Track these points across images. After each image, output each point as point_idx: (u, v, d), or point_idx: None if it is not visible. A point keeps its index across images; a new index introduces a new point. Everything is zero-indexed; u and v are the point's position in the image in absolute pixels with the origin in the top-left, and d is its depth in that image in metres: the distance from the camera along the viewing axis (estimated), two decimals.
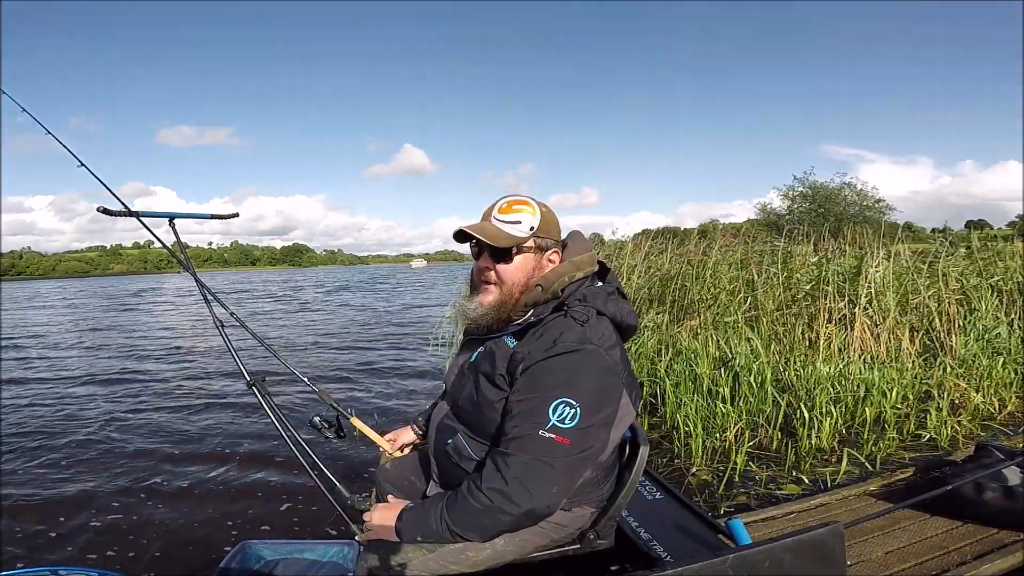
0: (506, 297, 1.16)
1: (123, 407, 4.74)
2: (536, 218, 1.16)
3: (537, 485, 1.02)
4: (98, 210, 1.50)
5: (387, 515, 1.13)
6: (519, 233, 1.15)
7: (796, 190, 23.04)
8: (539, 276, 1.16)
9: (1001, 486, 1.94)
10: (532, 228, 1.15)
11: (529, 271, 1.16)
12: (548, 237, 1.18)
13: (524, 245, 1.16)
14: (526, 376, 1.07)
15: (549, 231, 1.18)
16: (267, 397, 1.35)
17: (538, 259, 1.18)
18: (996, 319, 4.67)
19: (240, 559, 1.76)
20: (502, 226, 1.16)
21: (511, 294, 1.16)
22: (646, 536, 1.52)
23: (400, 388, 5.33)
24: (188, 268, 1.60)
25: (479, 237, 1.14)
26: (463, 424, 1.21)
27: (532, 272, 1.16)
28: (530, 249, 1.17)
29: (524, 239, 1.15)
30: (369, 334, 9.47)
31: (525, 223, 1.15)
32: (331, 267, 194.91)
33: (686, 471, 2.88)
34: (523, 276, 1.16)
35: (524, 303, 1.16)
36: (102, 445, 3.72)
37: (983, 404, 3.61)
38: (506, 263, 1.16)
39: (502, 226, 1.16)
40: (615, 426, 1.12)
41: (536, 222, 1.16)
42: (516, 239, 1.15)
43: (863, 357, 4.09)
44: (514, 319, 1.17)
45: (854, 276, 4.56)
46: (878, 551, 1.84)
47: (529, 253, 1.17)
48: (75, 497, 2.90)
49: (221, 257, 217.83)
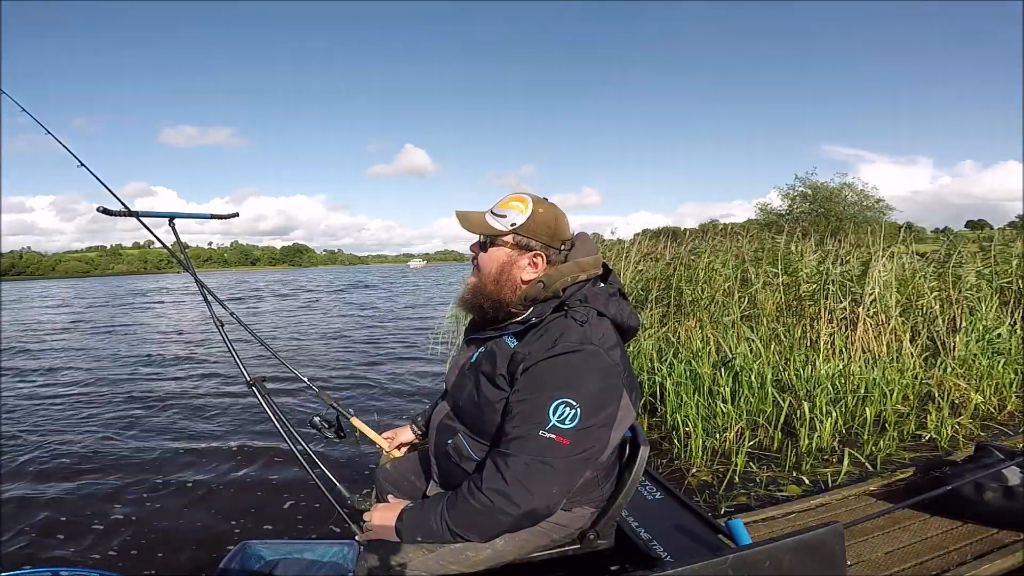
0: (480, 285, 1.20)
1: (123, 407, 4.74)
2: (523, 216, 1.16)
3: (537, 485, 1.02)
4: (98, 210, 1.50)
5: (387, 515, 1.13)
6: (499, 226, 1.17)
7: (796, 190, 23.07)
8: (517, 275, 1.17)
9: (1001, 486, 1.94)
10: (513, 224, 1.16)
11: (502, 265, 1.17)
12: (533, 238, 1.16)
13: (499, 239, 1.17)
14: (526, 376, 1.07)
15: (536, 232, 1.16)
16: (267, 397, 1.35)
17: (515, 256, 1.17)
18: (998, 319, 4.67)
19: (240, 559, 1.77)
20: (489, 217, 1.19)
21: (484, 283, 1.19)
22: (646, 536, 1.52)
23: (400, 388, 5.33)
24: (188, 268, 1.60)
25: (458, 221, 1.21)
26: (463, 424, 1.21)
27: (505, 268, 1.17)
28: (506, 244, 1.17)
29: (501, 232, 1.17)
30: (369, 334, 9.47)
31: (509, 218, 1.17)
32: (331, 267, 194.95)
33: (686, 471, 2.88)
34: (495, 268, 1.18)
35: (524, 298, 1.16)
36: (102, 445, 3.72)
37: (983, 404, 3.61)
38: (484, 252, 1.20)
39: (489, 217, 1.19)
40: (615, 427, 1.12)
41: (521, 220, 1.16)
42: (493, 231, 1.17)
43: (864, 357, 4.08)
44: (514, 316, 1.17)
45: (860, 276, 4.56)
46: (878, 551, 1.84)
47: (505, 248, 1.17)
48: (75, 497, 2.90)
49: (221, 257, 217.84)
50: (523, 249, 1.17)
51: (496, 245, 1.18)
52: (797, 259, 5.03)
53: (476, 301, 1.21)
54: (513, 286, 1.17)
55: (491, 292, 1.18)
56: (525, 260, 1.18)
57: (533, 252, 1.17)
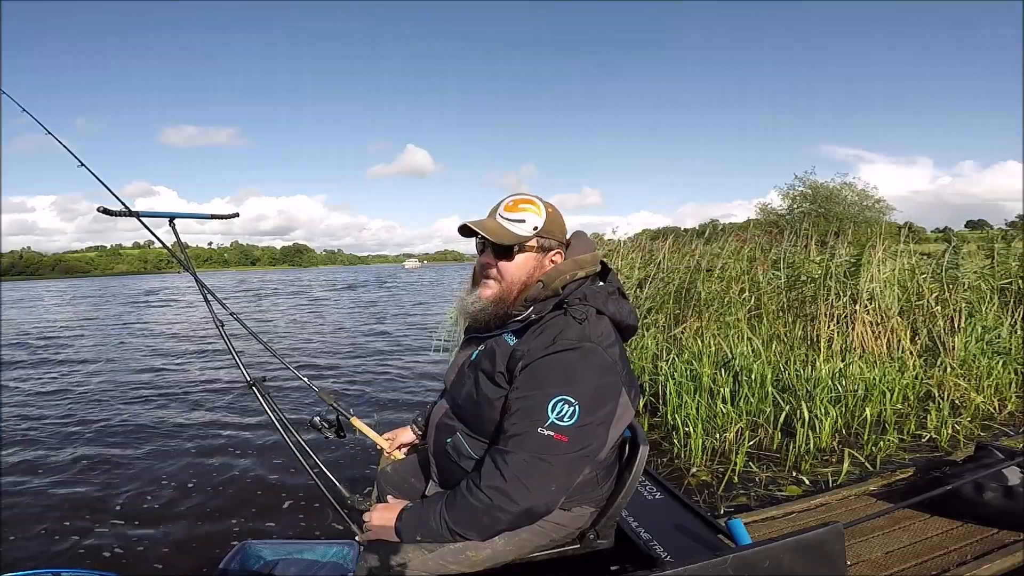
0: (505, 293, 1.17)
1: (123, 407, 4.74)
2: (541, 218, 1.16)
3: (536, 483, 1.02)
4: (98, 210, 1.50)
5: (387, 515, 1.12)
6: (522, 232, 1.15)
7: (796, 190, 23.06)
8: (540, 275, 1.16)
9: (1001, 486, 1.94)
10: (536, 228, 1.15)
11: (530, 270, 1.16)
12: (551, 238, 1.18)
13: (527, 244, 1.16)
14: (525, 374, 1.07)
15: (553, 232, 1.17)
16: (267, 397, 1.35)
17: (540, 259, 1.18)
18: (998, 319, 4.67)
19: (240, 559, 1.77)
20: (506, 224, 1.16)
21: (510, 291, 1.16)
22: (646, 536, 1.52)
23: (400, 387, 5.33)
24: (188, 268, 1.60)
25: (483, 233, 1.15)
26: (462, 422, 1.21)
27: (533, 272, 1.16)
28: (532, 248, 1.17)
29: (527, 238, 1.15)
30: (370, 333, 9.47)
31: (529, 222, 1.15)
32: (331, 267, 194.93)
33: (686, 471, 2.88)
34: (524, 275, 1.16)
35: (524, 298, 1.16)
36: (102, 445, 3.72)
37: (983, 404, 3.61)
38: (508, 261, 1.16)
39: (506, 224, 1.16)
40: (614, 425, 1.12)
41: (540, 222, 1.16)
42: (519, 237, 1.15)
43: (864, 357, 4.09)
44: (514, 315, 1.17)
45: (855, 270, 4.56)
46: (878, 551, 1.84)
47: (531, 252, 1.17)
48: (76, 497, 2.90)
49: (221, 257, 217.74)
50: (545, 251, 1.18)
51: (524, 251, 1.16)
52: (802, 260, 5.04)
53: (500, 311, 1.17)
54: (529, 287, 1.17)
55: (517, 298, 1.16)
56: (547, 260, 1.18)
57: (553, 251, 1.18)
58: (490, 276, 1.19)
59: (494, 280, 1.18)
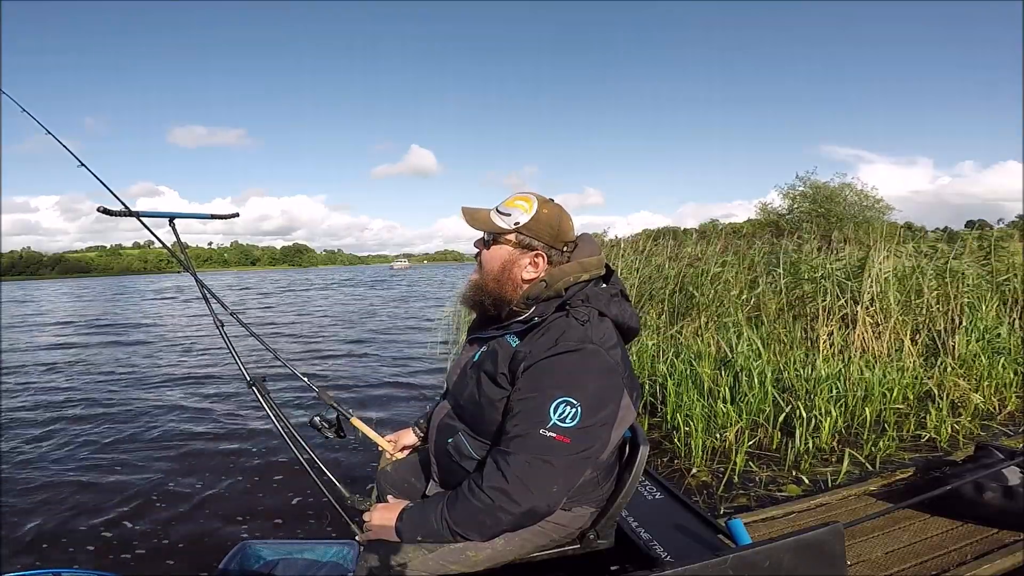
0: (483, 281, 1.21)
1: (122, 407, 4.73)
2: (527, 216, 1.17)
3: (538, 484, 1.02)
4: (98, 210, 1.50)
5: (387, 515, 1.13)
6: (502, 224, 1.18)
7: (797, 190, 23.06)
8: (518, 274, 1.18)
9: (1001, 486, 1.94)
10: (517, 223, 1.17)
11: (504, 262, 1.18)
12: (535, 237, 1.17)
13: (503, 237, 1.18)
14: (527, 375, 1.08)
15: (539, 232, 1.17)
16: (267, 397, 1.35)
17: (517, 255, 1.18)
18: (997, 319, 4.67)
19: (240, 559, 1.77)
20: (494, 215, 1.20)
21: (486, 281, 1.20)
22: (646, 536, 1.52)
23: (401, 388, 5.32)
24: (188, 268, 1.60)
25: (465, 217, 1.23)
26: (464, 423, 1.21)
27: (507, 266, 1.18)
28: (509, 242, 1.18)
29: (505, 231, 1.18)
30: (370, 333, 9.47)
31: (514, 217, 1.18)
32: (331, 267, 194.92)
33: (686, 471, 2.88)
34: (497, 265, 1.19)
35: (527, 297, 1.16)
36: (102, 445, 3.71)
37: (983, 404, 3.61)
38: (487, 249, 1.21)
39: (494, 215, 1.20)
40: (615, 426, 1.12)
41: (525, 219, 1.17)
42: (496, 228, 1.19)
43: (864, 357, 4.09)
44: (516, 312, 1.17)
45: (858, 272, 4.56)
46: (878, 551, 1.84)
47: (507, 246, 1.18)
48: (75, 498, 2.90)
49: (221, 257, 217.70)
50: (525, 248, 1.18)
51: (499, 243, 1.19)
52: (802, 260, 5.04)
53: (477, 297, 1.23)
54: (514, 284, 1.18)
55: (492, 289, 1.19)
56: (526, 259, 1.18)
57: (535, 252, 1.18)
58: (477, 263, 1.25)
59: (478, 267, 1.24)
